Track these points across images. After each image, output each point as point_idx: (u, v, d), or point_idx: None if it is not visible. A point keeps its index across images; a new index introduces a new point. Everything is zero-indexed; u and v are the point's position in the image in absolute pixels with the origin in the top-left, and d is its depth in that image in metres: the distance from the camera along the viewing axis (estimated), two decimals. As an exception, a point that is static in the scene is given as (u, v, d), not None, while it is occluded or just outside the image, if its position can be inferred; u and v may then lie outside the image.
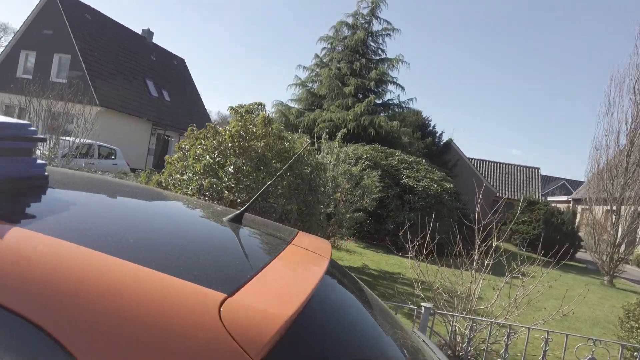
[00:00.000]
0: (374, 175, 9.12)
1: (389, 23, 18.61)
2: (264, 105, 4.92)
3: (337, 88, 17.35)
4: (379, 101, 18.26)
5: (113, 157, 15.52)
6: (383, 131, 16.06)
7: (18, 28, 23.61)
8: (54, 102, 11.73)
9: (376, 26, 18.75)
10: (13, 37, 23.82)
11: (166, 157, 4.94)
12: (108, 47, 22.99)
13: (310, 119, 16.45)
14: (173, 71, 29.36)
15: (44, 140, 1.43)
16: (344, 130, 12.03)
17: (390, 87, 18.76)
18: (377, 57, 18.90)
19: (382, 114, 17.35)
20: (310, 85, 18.80)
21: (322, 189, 5.50)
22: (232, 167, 4.10)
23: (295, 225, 4.45)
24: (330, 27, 19.00)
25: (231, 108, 4.83)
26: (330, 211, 8.26)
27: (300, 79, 18.80)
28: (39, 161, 1.36)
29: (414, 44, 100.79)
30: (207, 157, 4.33)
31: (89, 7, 23.43)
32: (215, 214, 1.67)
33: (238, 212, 1.56)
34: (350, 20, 18.73)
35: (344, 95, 17.16)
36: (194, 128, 4.90)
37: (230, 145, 4.25)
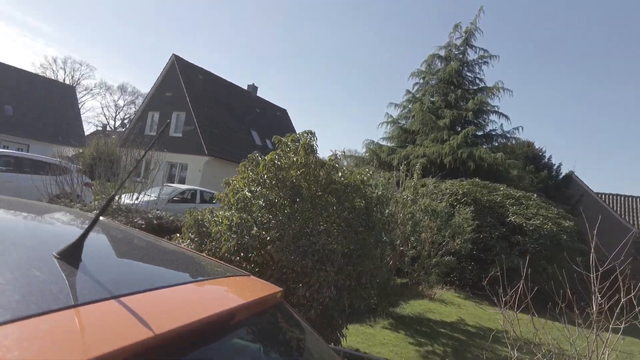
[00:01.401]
0: (467, 212, 7.87)
1: (485, 51, 17.30)
2: (314, 134, 4.41)
3: (430, 122, 16.33)
4: (479, 132, 16.70)
5: (214, 201, 16.47)
6: (485, 164, 14.43)
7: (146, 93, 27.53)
8: (170, 154, 12.99)
9: (471, 55, 17.59)
10: (143, 102, 27.74)
11: (215, 193, 4.68)
12: (217, 102, 25.34)
13: (402, 156, 15.59)
14: (276, 121, 31.15)
15: None
16: (422, 160, 10.95)
17: (493, 117, 17.11)
18: (475, 87, 17.53)
19: (484, 146, 15.73)
20: (402, 122, 18.08)
21: (387, 227, 4.68)
22: (262, 200, 3.61)
23: (342, 269, 3.71)
24: (422, 62, 18.34)
25: (276, 138, 4.42)
26: (414, 254, 7.24)
27: (391, 116, 18.23)
28: None
29: (523, 70, 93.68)
30: (245, 190, 3.92)
31: (201, 68, 26.34)
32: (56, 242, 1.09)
33: (73, 241, 0.98)
34: (442, 53, 17.89)
35: (438, 128, 16.05)
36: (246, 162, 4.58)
37: (266, 176, 3.79)
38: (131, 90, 75.50)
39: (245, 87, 30.15)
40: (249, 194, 3.83)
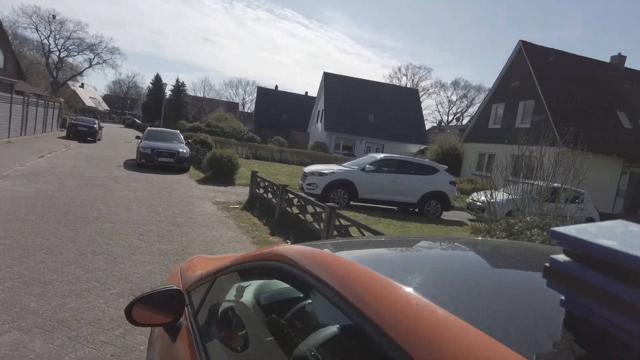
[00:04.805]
0: None
1: None
2: None
3: None
4: None
5: (578, 201, 13.98)
6: None
7: (490, 86, 27.08)
8: (517, 146, 12.13)
9: None
10: (486, 95, 27.45)
11: None
12: (571, 84, 21.92)
13: None
14: (653, 96, 24.12)
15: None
16: None
17: None
18: None
19: None
20: None
21: None
22: None
23: None
24: None
25: None
26: None
27: None
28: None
29: None
30: None
31: (551, 49, 23.43)
32: None
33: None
34: None
35: None
36: None
37: None
38: (463, 84, 77.77)
39: (608, 60, 24.77)
40: None
